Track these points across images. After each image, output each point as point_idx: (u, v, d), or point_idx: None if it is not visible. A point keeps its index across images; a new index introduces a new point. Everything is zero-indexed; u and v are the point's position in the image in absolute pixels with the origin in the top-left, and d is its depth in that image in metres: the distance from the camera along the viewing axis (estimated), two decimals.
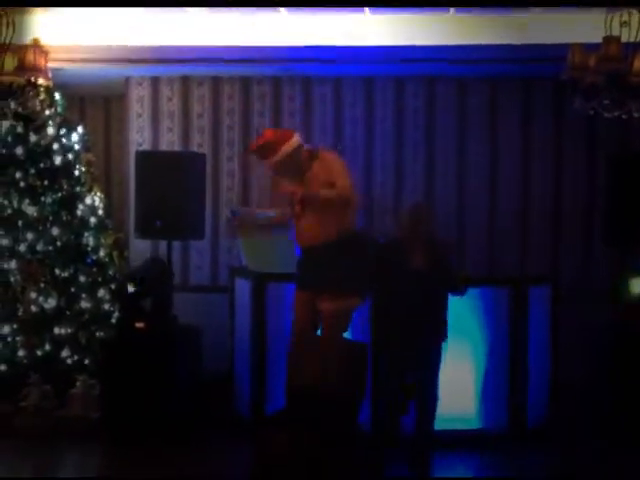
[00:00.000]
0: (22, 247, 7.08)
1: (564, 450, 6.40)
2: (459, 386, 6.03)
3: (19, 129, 7.21)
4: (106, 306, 7.16)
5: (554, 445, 6.49)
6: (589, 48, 6.19)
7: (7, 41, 7.02)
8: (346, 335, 5.59)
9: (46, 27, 7.40)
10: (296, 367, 5.23)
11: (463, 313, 5.92)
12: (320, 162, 5.45)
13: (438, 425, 5.74)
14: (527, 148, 8.14)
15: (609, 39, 6.02)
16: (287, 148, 5.43)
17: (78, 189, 7.28)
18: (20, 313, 7.03)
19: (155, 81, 8.29)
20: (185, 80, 8.26)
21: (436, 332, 5.54)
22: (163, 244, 7.26)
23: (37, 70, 7.16)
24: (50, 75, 7.26)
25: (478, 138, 8.16)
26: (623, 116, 6.22)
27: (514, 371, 6.55)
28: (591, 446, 6.38)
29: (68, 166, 7.27)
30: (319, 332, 5.60)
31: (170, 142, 8.28)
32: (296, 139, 5.52)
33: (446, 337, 5.59)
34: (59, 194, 7.18)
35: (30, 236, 7.08)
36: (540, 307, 6.69)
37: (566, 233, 8.09)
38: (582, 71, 6.15)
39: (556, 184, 8.12)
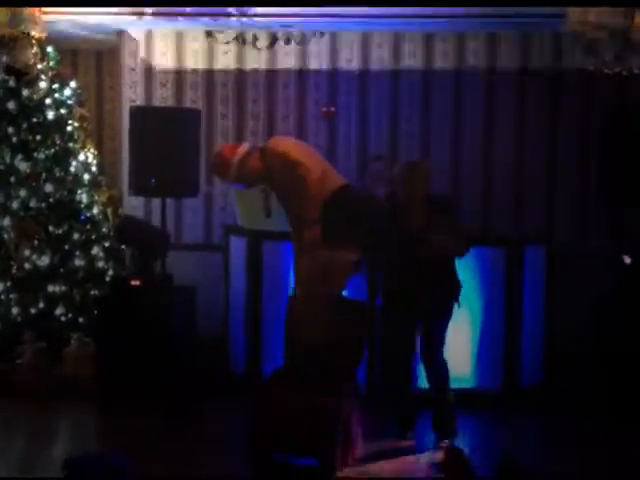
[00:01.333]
0: (15, 204, 7.00)
1: (557, 410, 6.45)
2: (454, 346, 6.00)
3: (11, 83, 7.08)
4: (100, 264, 7.11)
5: (547, 405, 6.53)
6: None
7: None
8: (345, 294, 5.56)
9: None
10: (297, 325, 5.20)
11: (458, 273, 5.88)
12: (272, 155, 5.38)
13: None
14: (523, 106, 8.07)
15: None
16: (236, 159, 5.38)
17: (71, 145, 7.20)
18: (14, 270, 6.97)
19: (149, 35, 8.17)
20: (179, 35, 8.14)
21: (444, 294, 5.50)
22: (157, 201, 7.20)
23: (30, 21, 7.05)
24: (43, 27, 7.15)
25: (474, 96, 8.08)
26: (623, 72, 6.17)
27: (509, 330, 6.58)
28: (583, 406, 6.41)
29: (61, 121, 7.18)
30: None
31: (163, 98, 8.19)
32: (243, 147, 5.47)
33: (457, 299, 5.56)
34: (52, 150, 7.09)
35: (23, 193, 7.00)
36: (535, 267, 6.68)
37: (562, 192, 8.06)
38: (583, 25, 6.09)
39: (552, 142, 8.07)
